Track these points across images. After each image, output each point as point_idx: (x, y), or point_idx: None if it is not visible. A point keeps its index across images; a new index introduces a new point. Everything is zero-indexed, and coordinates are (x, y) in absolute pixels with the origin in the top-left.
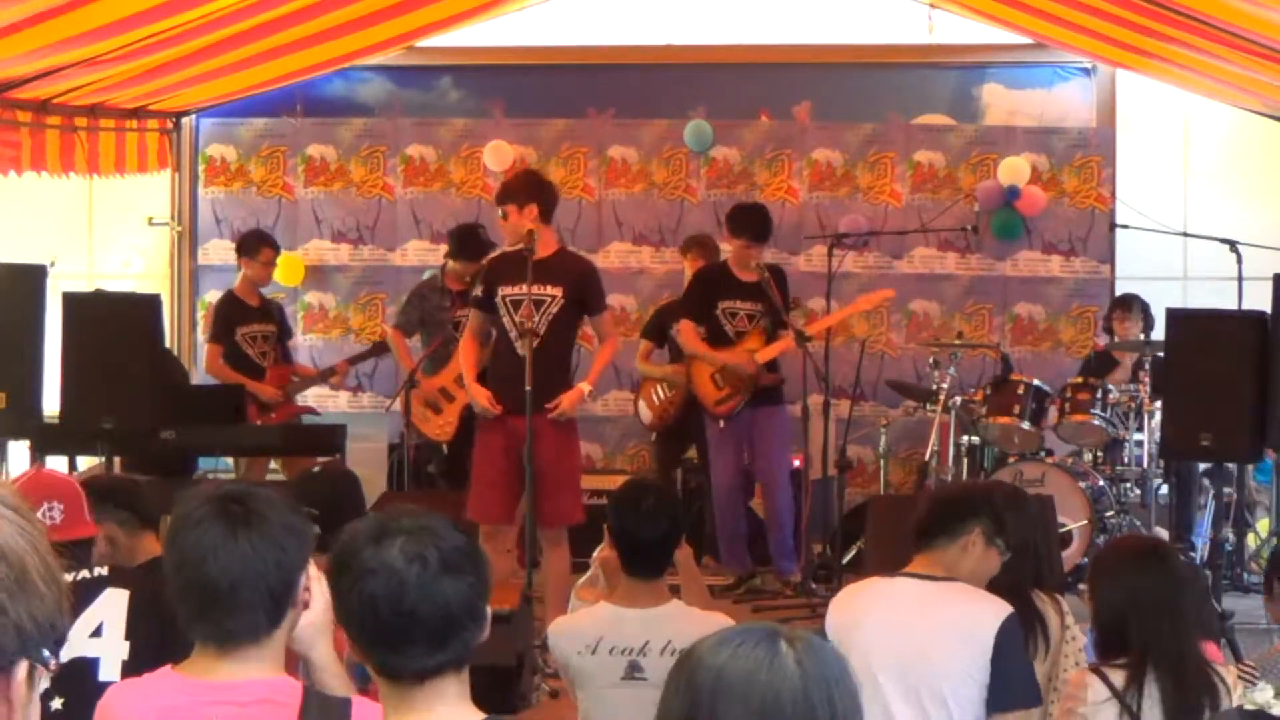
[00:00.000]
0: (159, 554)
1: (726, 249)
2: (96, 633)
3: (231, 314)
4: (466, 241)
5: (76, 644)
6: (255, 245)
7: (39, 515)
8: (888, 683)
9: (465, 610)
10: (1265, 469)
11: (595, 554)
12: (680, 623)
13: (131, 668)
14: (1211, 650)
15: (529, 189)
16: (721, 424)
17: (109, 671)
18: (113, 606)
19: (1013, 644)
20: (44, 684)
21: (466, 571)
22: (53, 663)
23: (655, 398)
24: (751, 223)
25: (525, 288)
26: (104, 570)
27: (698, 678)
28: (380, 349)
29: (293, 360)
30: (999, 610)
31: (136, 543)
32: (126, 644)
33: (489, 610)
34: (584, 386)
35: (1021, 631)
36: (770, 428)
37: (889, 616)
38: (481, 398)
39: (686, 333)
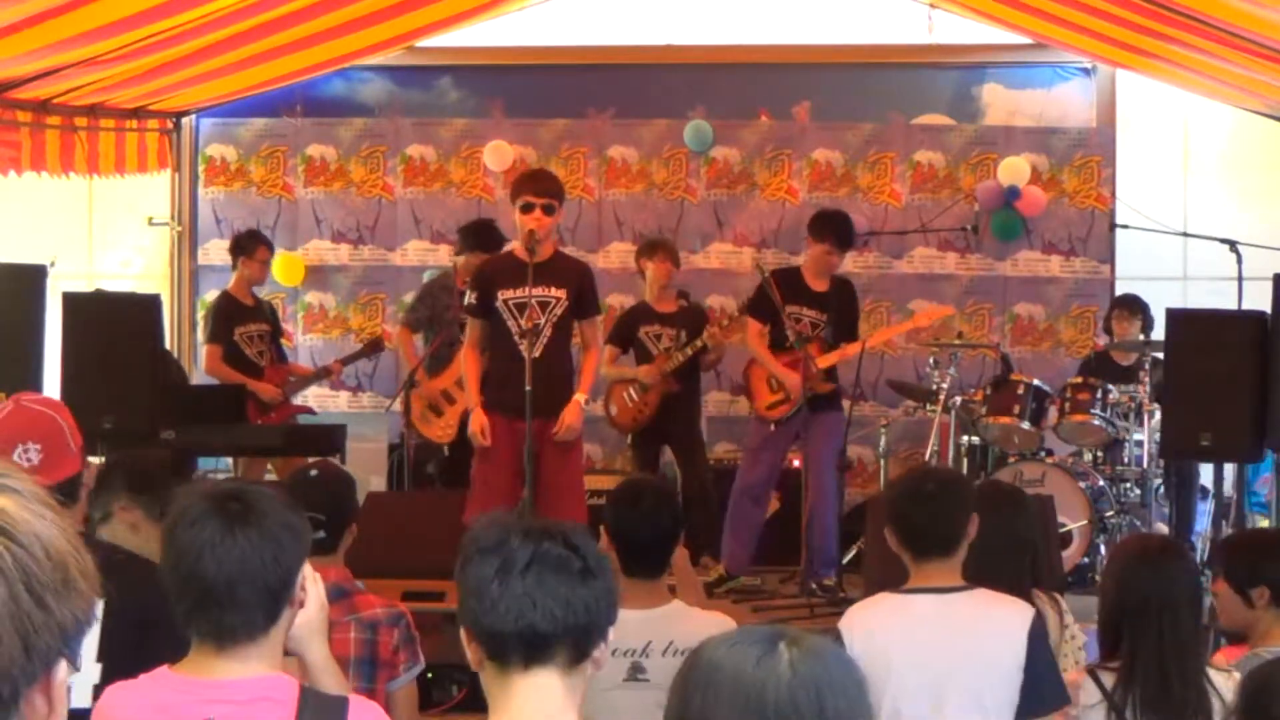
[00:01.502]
0: None
1: (739, 250)
2: None
3: (229, 314)
4: (480, 234)
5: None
6: (251, 245)
7: (15, 458)
8: (925, 703)
9: (567, 625)
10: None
11: None
12: (682, 623)
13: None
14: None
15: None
16: (772, 427)
17: (80, 698)
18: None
19: (1042, 645)
20: (69, 680)
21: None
22: (79, 659)
23: (628, 400)
24: (834, 228)
25: (527, 290)
26: None
27: (696, 668)
28: (373, 348)
29: (286, 359)
30: (1024, 612)
31: (156, 533)
32: (98, 666)
33: (602, 640)
34: (580, 398)
35: (1046, 630)
36: (826, 434)
37: (917, 637)
38: (477, 424)
39: (752, 334)
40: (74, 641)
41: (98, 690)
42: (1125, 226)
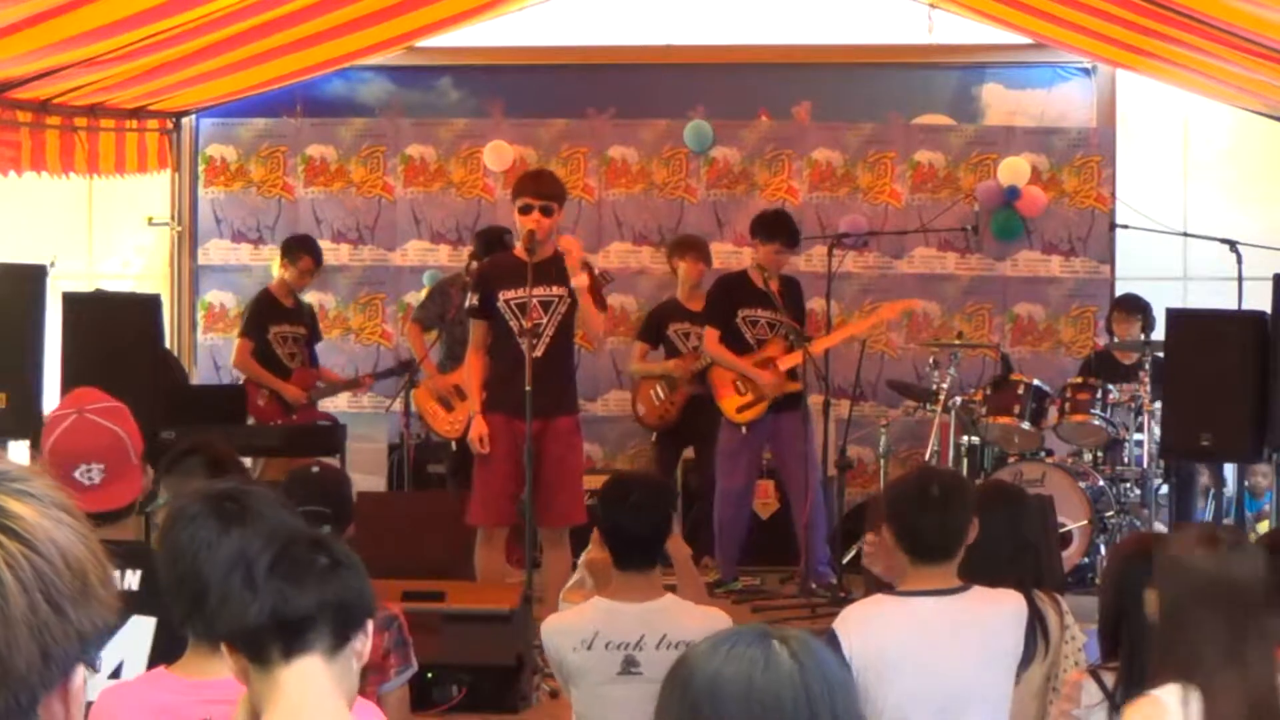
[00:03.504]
0: None
1: (739, 250)
2: (116, 674)
3: (266, 312)
4: (490, 243)
5: (93, 687)
6: (297, 252)
7: (75, 477)
8: (930, 705)
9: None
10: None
11: (582, 557)
12: (676, 616)
13: None
14: None
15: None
16: (744, 430)
17: None
18: (137, 641)
19: (1031, 636)
20: (89, 681)
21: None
22: (98, 663)
23: (655, 398)
24: (784, 228)
25: (528, 290)
26: (134, 581)
27: (695, 683)
28: (406, 366)
29: (318, 364)
30: (1019, 603)
31: None
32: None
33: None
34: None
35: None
36: (798, 434)
37: (920, 640)
38: (477, 432)
39: (711, 341)
40: (92, 648)
41: None
42: (1125, 226)
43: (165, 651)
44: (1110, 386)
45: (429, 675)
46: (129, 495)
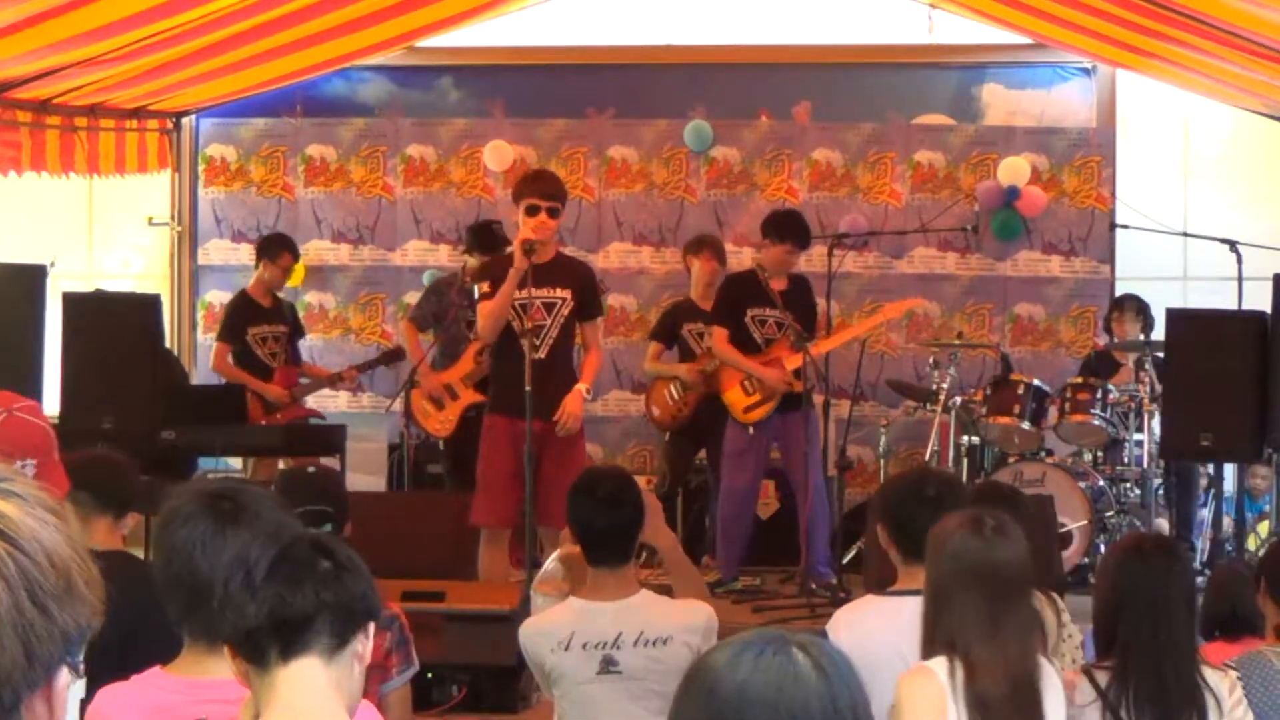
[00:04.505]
0: (114, 547)
1: (739, 250)
2: None
3: (243, 314)
4: (481, 236)
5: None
6: (276, 250)
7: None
8: None
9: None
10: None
11: (557, 551)
12: (652, 612)
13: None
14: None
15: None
16: (751, 430)
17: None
18: None
19: None
20: (74, 684)
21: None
22: (81, 666)
23: (669, 398)
24: (796, 228)
25: (530, 290)
26: None
27: (721, 693)
28: (390, 357)
29: (301, 361)
30: None
31: (89, 527)
32: (82, 681)
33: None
34: (581, 387)
35: None
36: (804, 434)
37: (907, 640)
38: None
39: (720, 341)
40: (76, 648)
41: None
42: (1125, 226)
43: (99, 650)
44: (1110, 386)
45: (429, 675)
46: (59, 491)
